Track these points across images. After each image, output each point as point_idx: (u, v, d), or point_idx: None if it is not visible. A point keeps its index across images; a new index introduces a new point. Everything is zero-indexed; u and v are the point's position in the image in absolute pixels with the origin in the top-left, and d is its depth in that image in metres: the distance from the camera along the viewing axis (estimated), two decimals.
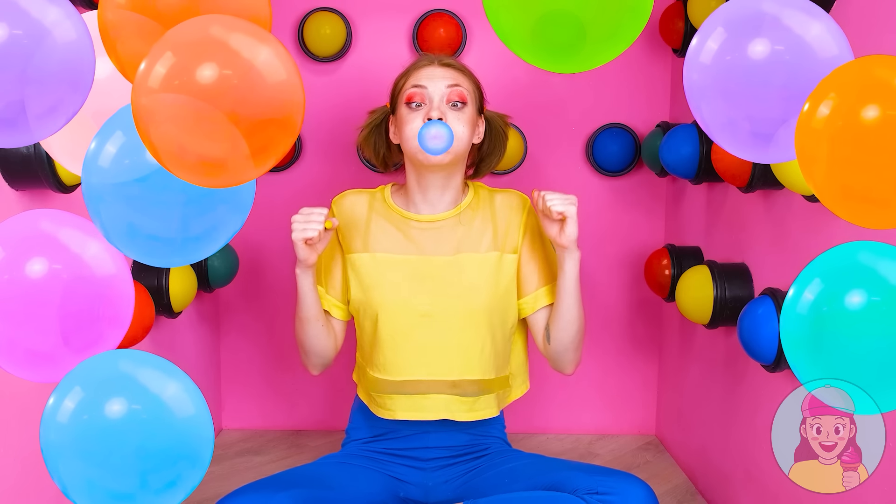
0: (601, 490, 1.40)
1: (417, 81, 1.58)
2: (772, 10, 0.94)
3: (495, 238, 1.63)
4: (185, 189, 0.93)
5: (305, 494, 1.44)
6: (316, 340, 1.62)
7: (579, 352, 1.64)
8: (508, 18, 0.97)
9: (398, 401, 1.61)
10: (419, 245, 1.61)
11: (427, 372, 1.59)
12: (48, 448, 0.95)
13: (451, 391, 1.60)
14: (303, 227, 1.48)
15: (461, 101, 1.57)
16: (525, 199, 1.69)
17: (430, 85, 1.56)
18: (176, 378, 0.97)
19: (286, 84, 0.84)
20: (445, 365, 1.59)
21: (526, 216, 1.66)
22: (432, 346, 1.58)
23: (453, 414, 1.61)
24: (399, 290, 1.59)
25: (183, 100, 0.81)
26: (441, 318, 1.58)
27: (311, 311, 1.59)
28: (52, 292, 0.95)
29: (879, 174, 0.84)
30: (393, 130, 1.65)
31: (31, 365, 0.97)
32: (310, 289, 1.57)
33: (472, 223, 1.64)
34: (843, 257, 0.94)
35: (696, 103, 0.99)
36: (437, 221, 1.62)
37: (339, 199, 1.68)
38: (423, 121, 1.53)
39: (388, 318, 1.59)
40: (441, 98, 1.56)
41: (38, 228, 0.97)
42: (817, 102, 0.86)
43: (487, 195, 1.68)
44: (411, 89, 1.57)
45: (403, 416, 1.61)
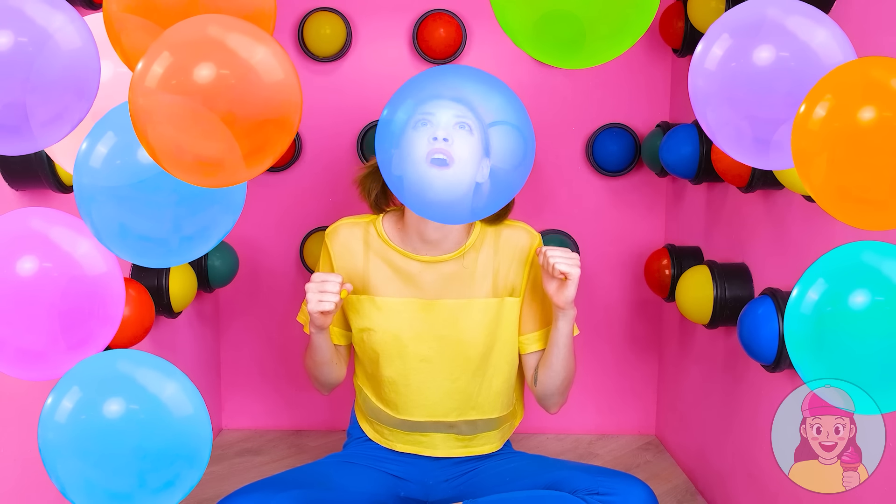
0: (601, 490, 1.40)
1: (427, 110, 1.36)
2: (777, 16, 0.94)
3: (495, 282, 1.58)
4: (176, 189, 0.93)
5: (306, 495, 1.44)
6: (329, 376, 1.63)
7: (565, 396, 1.64)
8: (514, 13, 0.97)
9: (398, 434, 1.63)
10: (419, 287, 1.56)
11: (425, 414, 1.59)
12: (46, 448, 0.95)
13: (448, 431, 1.61)
14: (318, 300, 1.44)
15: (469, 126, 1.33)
16: (535, 236, 1.62)
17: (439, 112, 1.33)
18: (174, 378, 0.97)
19: (283, 84, 0.84)
20: (443, 408, 1.58)
21: (532, 256, 1.60)
22: (431, 390, 1.57)
23: (450, 451, 1.63)
24: (399, 337, 1.56)
25: (180, 100, 0.81)
26: (440, 363, 1.57)
27: (325, 356, 1.58)
28: (43, 291, 0.94)
29: (876, 175, 0.84)
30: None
31: (22, 363, 0.97)
32: (325, 342, 1.55)
33: (475, 265, 1.57)
34: (847, 257, 0.94)
35: (701, 109, 0.99)
36: (438, 263, 1.56)
37: (333, 234, 1.61)
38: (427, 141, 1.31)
39: (388, 362, 1.58)
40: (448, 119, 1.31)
41: (29, 227, 0.97)
42: (814, 104, 0.86)
43: (495, 230, 1.60)
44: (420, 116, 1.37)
45: (401, 449, 1.63)
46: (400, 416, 1.60)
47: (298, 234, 2.38)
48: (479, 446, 1.64)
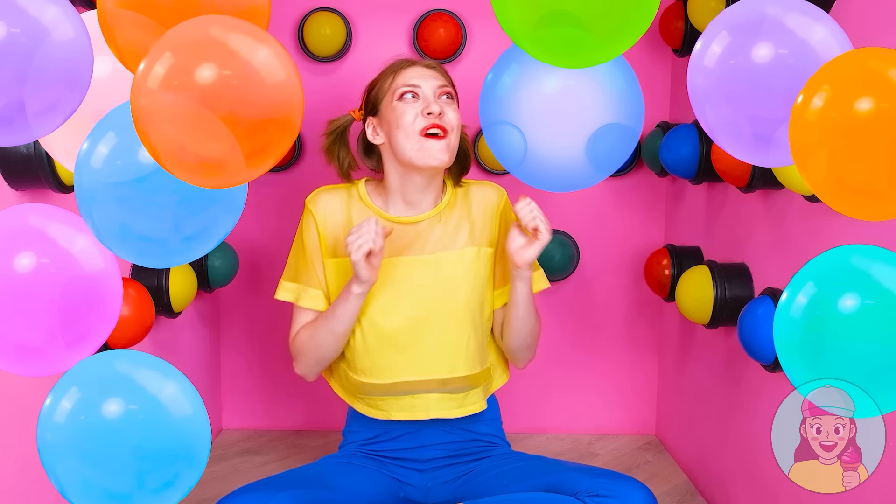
0: (602, 493, 1.40)
1: (409, 81, 1.56)
2: (775, 13, 0.94)
3: (472, 233, 1.63)
4: (177, 189, 0.93)
5: (305, 495, 1.43)
6: (337, 350, 1.62)
7: (532, 351, 1.68)
8: (514, 12, 0.97)
9: (390, 402, 1.62)
10: (398, 247, 1.60)
11: (416, 373, 1.59)
12: (45, 448, 0.95)
13: (440, 389, 1.61)
14: (358, 244, 1.45)
15: (450, 96, 1.58)
16: (501, 191, 1.69)
17: (423, 84, 1.56)
18: (173, 378, 0.97)
19: (285, 84, 0.84)
20: (433, 365, 1.59)
21: (502, 209, 1.66)
22: (419, 347, 1.58)
23: (444, 412, 1.62)
24: (381, 296, 1.58)
25: (182, 100, 0.81)
26: (425, 319, 1.58)
27: (350, 324, 1.57)
28: (41, 287, 0.94)
29: (874, 166, 0.84)
30: (372, 132, 1.62)
31: (20, 359, 0.97)
32: (358, 305, 1.54)
33: (450, 220, 1.63)
34: (837, 261, 0.94)
35: (699, 107, 0.99)
36: (417, 223, 1.61)
37: (314, 199, 1.64)
38: (422, 115, 1.52)
39: (372, 325, 1.58)
40: (433, 94, 1.56)
41: (27, 223, 0.97)
42: (811, 95, 0.86)
43: (464, 189, 1.68)
44: (403, 88, 1.55)
45: (398, 417, 1.62)
46: (391, 380, 1.59)
47: None
48: (470, 405, 1.65)
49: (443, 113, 1.53)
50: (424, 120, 1.52)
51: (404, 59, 1.62)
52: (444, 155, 1.53)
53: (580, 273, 2.41)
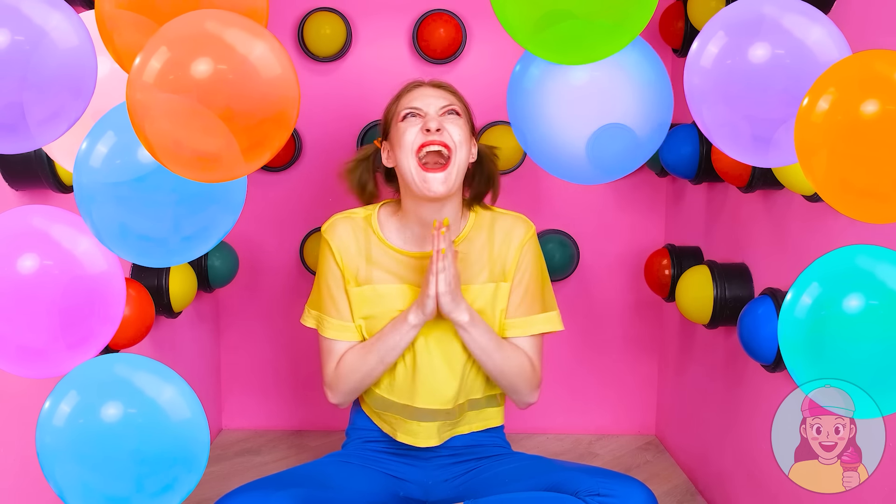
0: (602, 492, 1.40)
1: (412, 103, 1.54)
2: (772, 13, 0.94)
3: (493, 268, 1.60)
4: (176, 189, 0.93)
5: (305, 493, 1.43)
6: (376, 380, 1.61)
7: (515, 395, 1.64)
8: (515, 10, 0.97)
9: (399, 423, 1.63)
10: (410, 278, 1.59)
11: (424, 401, 1.58)
12: (44, 452, 0.95)
13: (444, 418, 1.61)
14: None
15: (457, 113, 1.55)
16: (530, 226, 1.64)
17: (426, 106, 1.53)
18: (172, 382, 0.97)
19: (281, 79, 0.84)
20: (444, 395, 1.58)
21: (523, 245, 1.61)
22: (430, 376, 1.57)
23: (441, 439, 1.63)
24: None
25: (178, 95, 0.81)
26: (438, 350, 1.57)
27: (399, 356, 1.56)
28: (44, 288, 0.94)
29: (879, 168, 0.84)
30: (386, 155, 1.60)
31: (22, 361, 0.97)
32: (411, 339, 1.54)
33: (470, 254, 1.60)
34: (841, 261, 0.94)
35: (696, 107, 0.99)
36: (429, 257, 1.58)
37: (330, 231, 1.61)
38: (421, 132, 1.49)
39: None
40: (436, 112, 1.53)
41: (30, 225, 0.97)
42: (817, 97, 0.86)
43: (488, 220, 1.63)
44: (406, 109, 1.54)
45: (402, 440, 1.63)
46: (401, 401, 1.60)
47: (298, 234, 2.38)
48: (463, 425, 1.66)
49: (442, 129, 1.49)
50: (422, 136, 1.49)
51: (412, 82, 1.60)
52: (441, 187, 1.48)
53: (580, 273, 2.41)
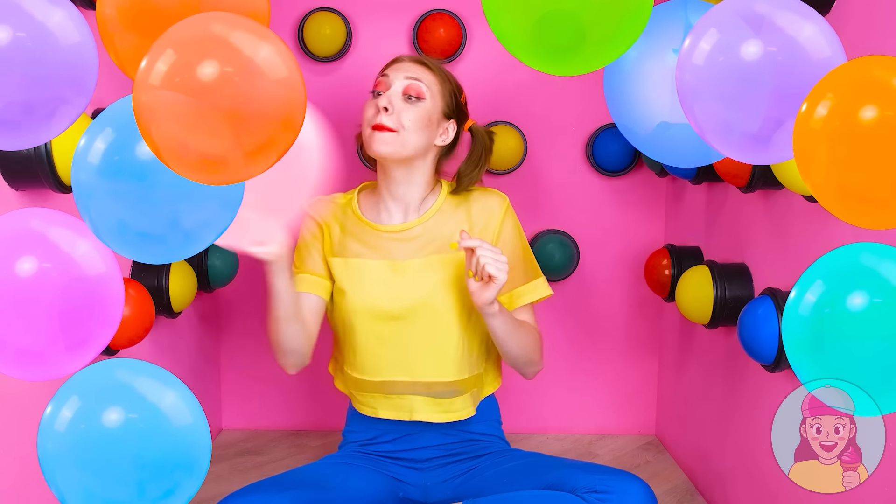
0: (600, 489, 1.40)
1: (383, 71, 1.62)
2: (764, 11, 0.94)
3: None
4: (174, 185, 0.93)
5: (304, 496, 1.44)
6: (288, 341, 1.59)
7: (532, 366, 1.66)
8: (508, 21, 0.97)
9: (379, 399, 1.64)
10: (391, 252, 1.62)
11: (402, 373, 1.60)
12: (46, 457, 0.95)
13: (425, 392, 1.61)
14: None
15: (417, 97, 1.58)
16: (503, 198, 1.68)
17: (392, 74, 1.60)
18: (173, 387, 0.97)
19: (287, 81, 0.84)
20: (419, 367, 1.59)
21: (503, 216, 1.66)
22: (406, 348, 1.59)
23: (429, 415, 1.62)
24: (371, 294, 1.59)
25: (184, 97, 0.81)
26: (413, 321, 1.58)
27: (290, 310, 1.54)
28: (43, 291, 0.94)
29: (877, 174, 0.84)
30: None
31: (21, 364, 0.97)
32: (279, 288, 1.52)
33: (447, 226, 1.63)
34: (845, 259, 0.94)
35: (688, 104, 0.99)
36: (407, 230, 1.63)
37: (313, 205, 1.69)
38: (375, 111, 1.58)
39: (362, 322, 1.60)
40: (402, 90, 1.58)
41: (28, 227, 0.97)
42: (815, 103, 0.86)
43: (463, 195, 1.67)
44: (377, 78, 1.62)
45: (384, 415, 1.63)
46: (380, 378, 1.60)
47: None
48: (457, 411, 1.64)
49: (391, 110, 1.55)
50: (375, 115, 1.58)
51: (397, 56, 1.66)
52: (381, 146, 1.56)
53: (580, 273, 2.41)
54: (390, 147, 1.56)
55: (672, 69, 1.04)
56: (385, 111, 1.55)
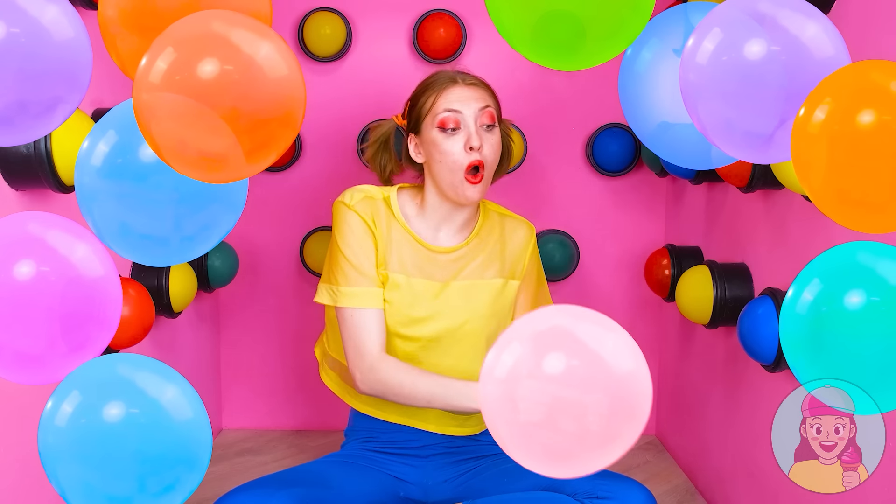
0: (600, 494, 1.40)
1: (450, 105, 1.53)
2: (768, 10, 0.94)
3: (503, 264, 1.64)
4: (177, 188, 0.93)
5: (305, 493, 1.43)
6: None
7: None
8: (510, 16, 0.97)
9: (390, 405, 1.63)
10: (433, 270, 1.60)
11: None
12: (46, 452, 0.95)
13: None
14: None
15: (492, 124, 1.55)
16: (531, 229, 1.70)
17: (464, 109, 1.52)
18: (174, 382, 0.97)
19: (287, 79, 0.84)
20: None
21: (532, 248, 1.68)
22: (431, 368, 1.58)
23: (443, 429, 1.63)
24: (408, 315, 1.58)
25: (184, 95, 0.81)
26: (446, 343, 1.59)
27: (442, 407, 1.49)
28: (41, 294, 0.94)
29: (875, 179, 0.85)
30: (414, 149, 1.60)
31: (20, 367, 0.97)
32: None
33: (483, 250, 1.64)
34: (842, 257, 0.94)
35: (692, 104, 0.99)
36: (453, 252, 1.61)
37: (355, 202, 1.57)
38: (465, 150, 1.50)
39: (391, 338, 1.59)
40: (475, 121, 1.53)
41: (26, 231, 0.97)
42: (813, 107, 0.86)
43: (497, 219, 1.68)
44: (445, 114, 1.52)
45: (393, 419, 1.63)
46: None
47: (298, 234, 2.38)
48: (473, 426, 1.65)
49: (482, 146, 1.51)
50: (468, 156, 1.51)
51: (447, 77, 1.57)
52: (476, 195, 1.53)
53: (580, 273, 2.41)
54: (479, 194, 1.54)
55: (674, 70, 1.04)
56: (476, 150, 1.51)
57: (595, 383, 0.78)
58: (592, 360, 0.78)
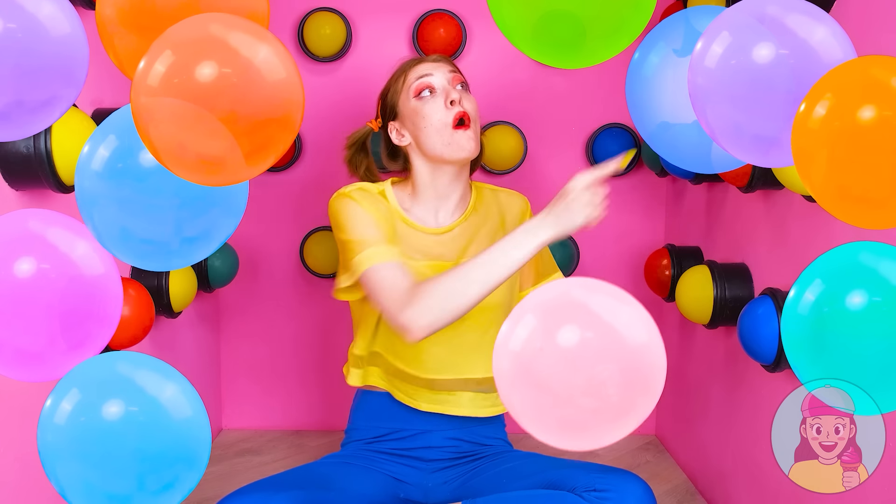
0: (599, 487, 1.40)
1: (421, 73, 1.59)
2: (776, 13, 0.94)
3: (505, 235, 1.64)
4: (178, 192, 0.93)
5: (305, 495, 1.43)
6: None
7: None
8: (512, 14, 0.97)
9: (423, 394, 1.62)
10: (440, 252, 1.61)
11: (453, 372, 1.59)
12: (45, 450, 0.95)
13: (476, 388, 1.62)
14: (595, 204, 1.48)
15: (465, 83, 1.61)
16: (525, 200, 1.73)
17: (436, 72, 1.59)
18: (173, 380, 0.97)
19: (285, 82, 0.84)
20: (471, 364, 1.59)
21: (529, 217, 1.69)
22: (459, 346, 1.59)
23: (476, 411, 1.63)
24: None
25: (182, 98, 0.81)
26: (465, 320, 1.57)
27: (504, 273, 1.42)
28: (41, 292, 0.94)
29: (876, 174, 0.84)
30: (396, 134, 1.63)
31: (20, 364, 0.97)
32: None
33: (483, 223, 1.66)
34: (844, 258, 0.94)
35: (700, 107, 0.99)
36: (449, 231, 1.63)
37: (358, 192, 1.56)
38: (446, 106, 1.54)
39: None
40: (448, 83, 1.58)
41: (27, 228, 0.97)
42: (814, 103, 0.86)
43: (491, 194, 1.71)
44: (418, 81, 1.58)
45: (427, 409, 1.62)
46: (429, 376, 1.60)
47: (298, 234, 2.38)
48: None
49: (461, 100, 1.56)
50: (449, 110, 1.55)
51: (411, 59, 1.65)
52: (471, 144, 1.56)
53: (580, 273, 2.41)
54: (475, 143, 1.56)
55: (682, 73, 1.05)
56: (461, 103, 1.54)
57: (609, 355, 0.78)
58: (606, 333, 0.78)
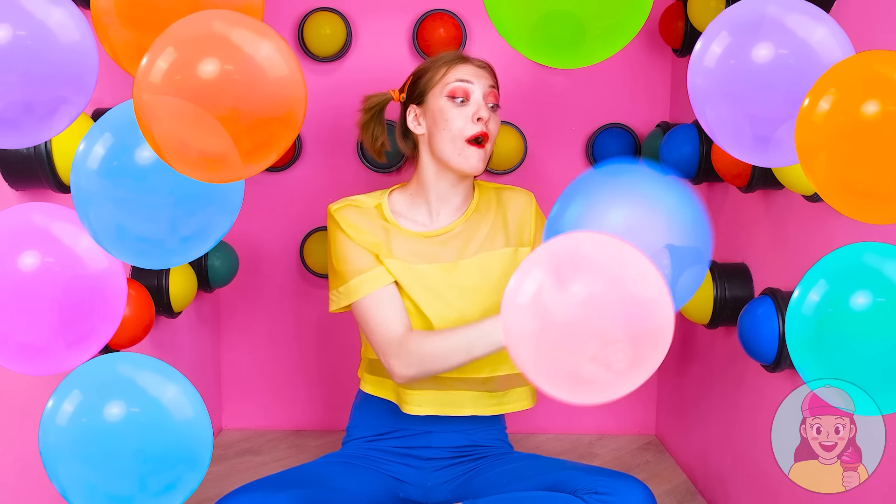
0: (600, 490, 1.40)
1: (464, 76, 1.58)
2: (776, 13, 0.94)
3: (507, 234, 1.65)
4: (173, 190, 0.93)
5: (305, 494, 1.43)
6: None
7: None
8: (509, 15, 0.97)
9: (427, 396, 1.61)
10: (438, 255, 1.62)
11: (460, 371, 1.59)
12: (47, 451, 0.95)
13: (481, 388, 1.61)
14: None
15: (496, 104, 1.61)
16: (529, 195, 1.72)
17: (476, 82, 1.58)
18: (175, 381, 0.97)
19: (288, 79, 0.84)
20: (477, 364, 1.58)
21: (535, 212, 1.68)
22: None
23: (481, 409, 1.62)
24: (429, 301, 1.58)
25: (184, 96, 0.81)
26: (472, 317, 1.58)
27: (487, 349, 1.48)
28: (45, 286, 0.95)
29: (879, 169, 0.84)
30: (413, 119, 1.63)
31: (23, 358, 0.97)
32: None
33: (484, 223, 1.65)
34: (848, 258, 0.94)
35: (700, 107, 0.99)
36: (448, 232, 1.63)
37: (341, 211, 1.60)
38: (472, 120, 1.55)
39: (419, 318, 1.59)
40: (483, 98, 1.58)
41: (31, 222, 0.97)
42: (817, 98, 0.86)
43: (493, 192, 1.70)
44: (457, 83, 1.57)
45: (431, 412, 1.61)
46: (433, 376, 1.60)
47: (298, 234, 2.38)
48: (511, 403, 1.65)
49: (489, 120, 1.56)
50: (474, 126, 1.55)
51: (456, 54, 1.63)
52: (480, 164, 1.56)
53: None
54: (483, 164, 1.57)
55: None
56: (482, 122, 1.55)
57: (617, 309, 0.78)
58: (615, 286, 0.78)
